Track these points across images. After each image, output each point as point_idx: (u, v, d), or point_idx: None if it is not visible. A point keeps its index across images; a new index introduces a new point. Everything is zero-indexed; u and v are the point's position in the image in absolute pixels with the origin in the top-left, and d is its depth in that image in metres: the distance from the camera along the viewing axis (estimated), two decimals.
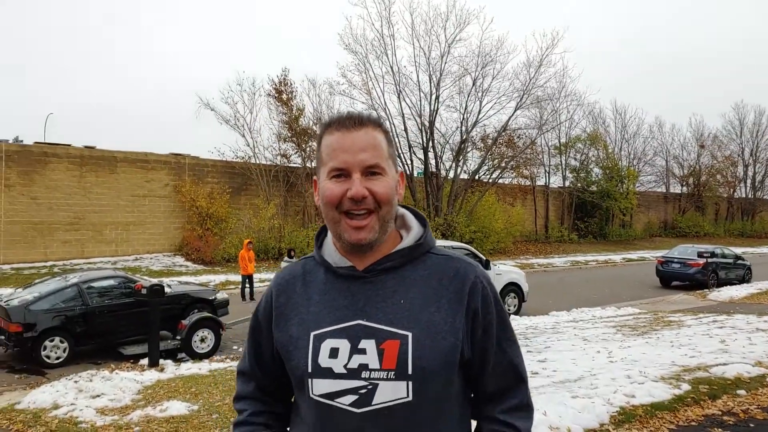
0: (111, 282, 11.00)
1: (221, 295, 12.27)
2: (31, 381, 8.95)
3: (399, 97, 30.60)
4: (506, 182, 37.05)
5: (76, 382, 7.71)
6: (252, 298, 16.87)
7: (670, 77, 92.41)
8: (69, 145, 23.13)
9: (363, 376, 1.37)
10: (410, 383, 1.36)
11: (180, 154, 25.96)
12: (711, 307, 15.17)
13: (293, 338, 1.47)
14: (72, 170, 22.92)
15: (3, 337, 9.82)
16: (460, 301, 1.43)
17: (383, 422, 1.37)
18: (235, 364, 9.41)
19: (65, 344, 9.96)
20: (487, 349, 1.46)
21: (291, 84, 29.40)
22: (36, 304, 9.92)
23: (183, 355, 10.60)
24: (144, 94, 69.25)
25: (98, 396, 7.19)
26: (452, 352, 1.39)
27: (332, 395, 1.40)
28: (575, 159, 43.26)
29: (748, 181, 54.66)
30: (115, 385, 7.65)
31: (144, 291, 9.57)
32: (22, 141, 22.74)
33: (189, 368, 9.01)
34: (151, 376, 8.49)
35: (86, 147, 23.51)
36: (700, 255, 20.84)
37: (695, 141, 52.23)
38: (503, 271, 14.88)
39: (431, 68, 30.61)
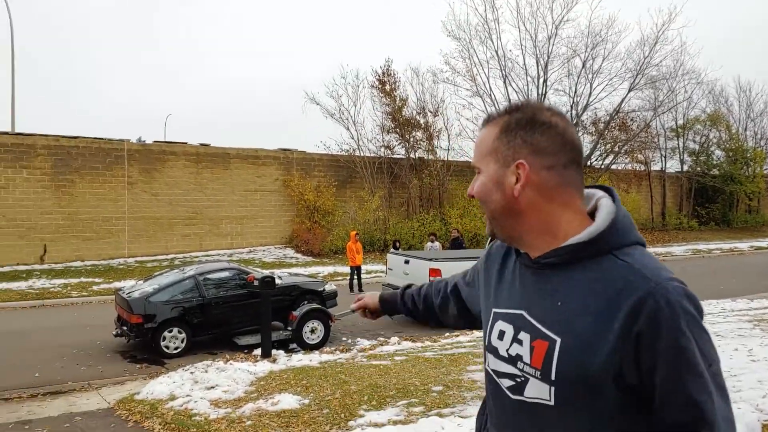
0: (225, 274, 11.27)
1: (330, 287, 12.28)
2: (151, 371, 9.29)
3: (505, 83, 29.83)
4: (620, 168, 35.21)
5: (192, 373, 7.88)
6: (360, 290, 16.88)
7: None
8: (186, 143, 24.24)
9: (518, 366, 1.37)
10: (553, 388, 1.30)
11: (288, 149, 26.56)
12: None
13: (485, 308, 1.57)
14: (189, 167, 24.01)
15: (125, 328, 10.28)
16: (617, 318, 1.23)
17: (531, 416, 1.36)
18: (344, 356, 9.34)
19: (183, 335, 10.29)
20: (654, 381, 1.24)
21: (394, 74, 29.32)
22: (155, 296, 10.31)
23: (294, 345, 10.70)
24: (254, 94, 72.01)
25: (213, 387, 7.28)
26: (601, 372, 1.24)
27: (498, 374, 1.44)
28: (694, 141, 40.36)
29: None
30: (229, 376, 7.74)
31: (256, 282, 9.68)
32: (144, 141, 24.08)
33: (300, 359, 9.01)
34: (264, 367, 8.55)
35: (201, 144, 24.55)
36: None
37: None
38: None
39: (538, 51, 29.56)
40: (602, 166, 32.06)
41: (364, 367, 8.11)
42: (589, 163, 31.33)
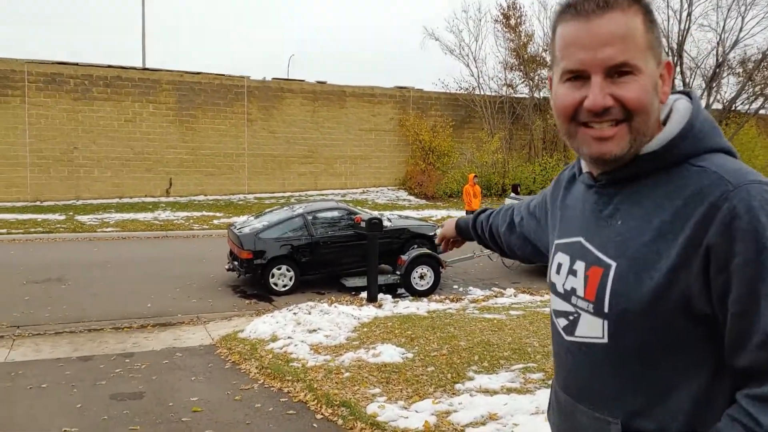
0: (334, 213, 10.91)
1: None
2: (259, 307, 9.16)
3: None
4: None
5: (295, 314, 7.57)
6: None
7: None
8: (303, 81, 24.10)
9: (572, 301, 1.23)
10: (605, 323, 1.15)
11: (404, 87, 25.78)
12: None
13: (550, 242, 1.41)
14: (306, 105, 23.93)
15: (236, 263, 10.22)
16: (684, 230, 1.06)
17: (583, 358, 1.21)
18: (454, 306, 8.73)
19: (291, 273, 10.09)
20: (727, 306, 1.04)
21: (520, 8, 27.50)
22: (265, 233, 10.13)
23: (402, 291, 10.26)
24: (371, 31, 71.21)
25: (315, 331, 6.93)
26: (661, 298, 1.07)
27: (556, 314, 1.30)
28: None
29: None
30: (332, 320, 7.36)
31: (363, 224, 9.20)
32: (264, 78, 24.18)
33: (407, 307, 8.50)
34: (369, 312, 8.13)
35: (318, 82, 24.32)
36: None
37: None
38: None
39: None
40: (749, 111, 28.67)
41: (475, 320, 7.45)
42: (733, 108, 28.14)
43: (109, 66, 21.38)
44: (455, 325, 7.09)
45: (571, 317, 1.23)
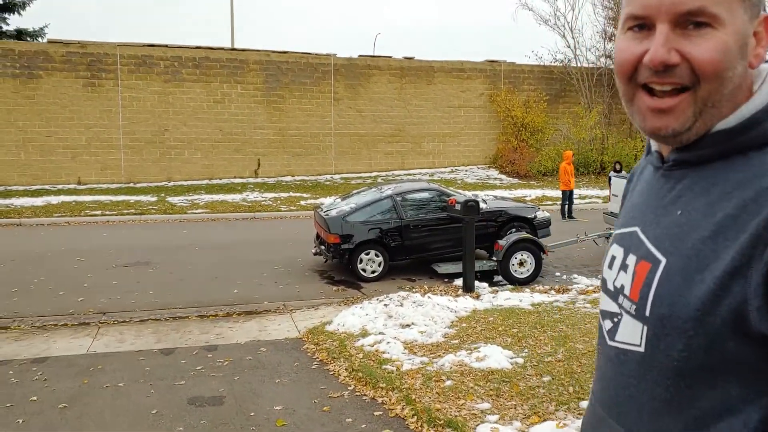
0: (425, 195, 10.20)
1: (542, 214, 10.67)
2: (347, 294, 8.64)
3: None
4: None
5: (386, 305, 6.96)
6: (571, 216, 15.07)
7: None
8: (390, 57, 23.38)
9: (618, 300, 1.05)
10: (644, 328, 0.97)
11: (495, 61, 24.55)
12: None
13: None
14: (393, 82, 23.22)
15: (323, 247, 9.74)
16: (747, 229, 0.86)
17: (619, 367, 1.03)
18: (561, 297, 7.85)
19: (380, 258, 9.51)
20: None
21: None
22: (352, 216, 9.57)
23: (499, 278, 9.48)
24: (460, 3, 69.39)
25: (408, 326, 6.29)
26: (709, 309, 0.88)
27: (603, 314, 1.11)
28: None
29: None
30: (426, 313, 6.69)
31: (458, 206, 8.44)
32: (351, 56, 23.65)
33: (508, 298, 7.70)
34: (466, 303, 7.40)
35: (405, 58, 23.52)
36: None
37: None
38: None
39: None
40: None
41: (588, 316, 6.57)
42: None
43: (198, 47, 21.46)
44: (567, 322, 6.26)
45: (615, 319, 1.07)
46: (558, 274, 10.02)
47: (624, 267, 1.05)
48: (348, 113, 22.85)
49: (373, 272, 9.48)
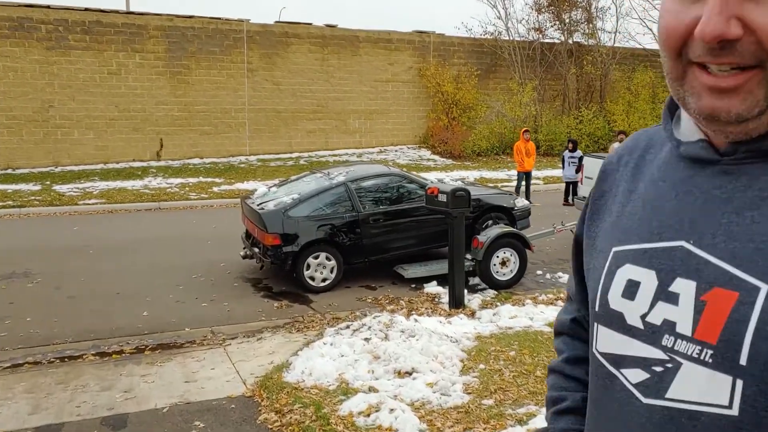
0: (384, 181, 8.29)
1: (521, 202, 9.04)
2: (294, 312, 6.66)
3: None
4: None
5: (366, 339, 5.02)
6: (528, 200, 13.64)
7: None
8: (310, 24, 21.08)
9: (664, 342, 0.77)
10: (740, 382, 0.71)
11: (424, 32, 22.78)
12: None
13: (596, 249, 0.92)
14: (314, 52, 20.97)
15: (257, 250, 7.64)
16: None
17: None
18: None
19: (332, 262, 7.56)
20: None
21: None
22: (296, 209, 7.53)
23: (476, 280, 7.79)
24: None
25: (408, 374, 4.41)
26: None
27: (619, 360, 0.83)
28: None
29: None
30: (425, 349, 4.83)
31: (441, 197, 6.56)
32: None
33: (513, 316, 5.99)
34: (464, 327, 5.63)
35: (327, 26, 21.29)
36: None
37: None
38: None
39: None
40: None
41: None
42: None
43: (87, 9, 18.32)
44: None
45: (658, 367, 0.77)
46: (539, 272, 8.46)
47: (667, 296, 0.78)
48: (264, 86, 20.41)
49: (323, 280, 7.52)
